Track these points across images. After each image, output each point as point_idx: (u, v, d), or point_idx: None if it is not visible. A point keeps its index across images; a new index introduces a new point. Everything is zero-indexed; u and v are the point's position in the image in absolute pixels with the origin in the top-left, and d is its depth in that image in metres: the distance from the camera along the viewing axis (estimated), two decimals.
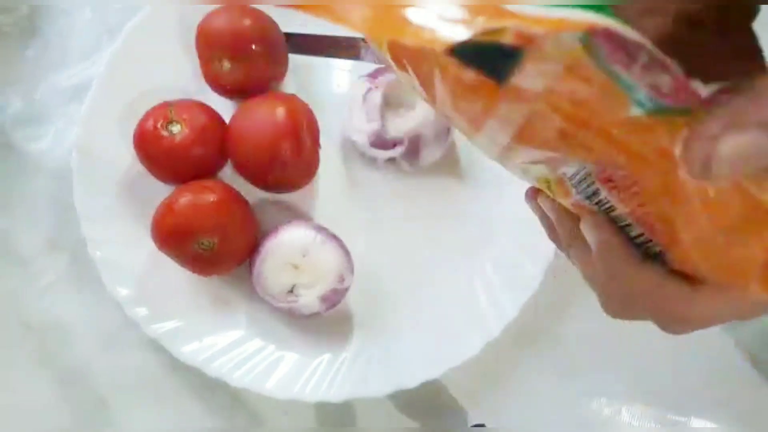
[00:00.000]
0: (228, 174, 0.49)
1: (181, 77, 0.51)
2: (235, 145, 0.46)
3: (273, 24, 0.49)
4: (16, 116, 0.53)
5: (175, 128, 0.46)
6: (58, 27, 0.55)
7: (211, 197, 0.45)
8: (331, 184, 0.51)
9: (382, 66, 0.50)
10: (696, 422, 0.48)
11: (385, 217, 0.51)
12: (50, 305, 0.50)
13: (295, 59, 0.52)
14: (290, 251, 0.45)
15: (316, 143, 0.48)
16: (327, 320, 0.48)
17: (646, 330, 0.49)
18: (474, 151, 0.51)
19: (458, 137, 0.51)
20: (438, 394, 0.49)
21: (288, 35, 0.51)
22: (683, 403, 0.48)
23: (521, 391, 0.49)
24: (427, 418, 0.48)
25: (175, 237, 0.44)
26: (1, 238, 0.51)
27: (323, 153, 0.49)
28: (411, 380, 0.46)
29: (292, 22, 0.50)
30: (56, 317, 0.50)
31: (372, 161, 0.50)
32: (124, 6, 0.54)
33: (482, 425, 0.47)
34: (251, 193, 0.48)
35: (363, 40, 0.52)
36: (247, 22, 0.47)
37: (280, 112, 0.46)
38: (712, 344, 0.50)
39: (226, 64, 0.47)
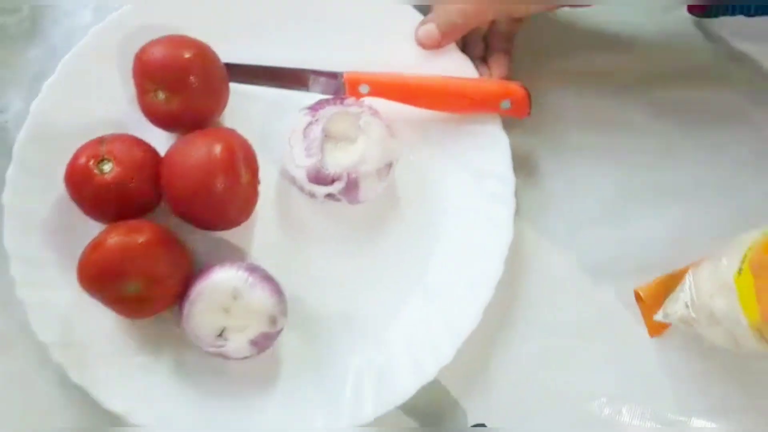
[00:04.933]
0: (165, 210, 0.47)
1: (122, 108, 0.50)
2: (167, 183, 0.45)
3: (213, 56, 0.48)
4: (18, 117, 0.52)
5: (107, 167, 0.44)
6: (60, 28, 0.55)
7: (139, 239, 0.43)
8: (270, 220, 0.50)
9: (324, 98, 0.49)
10: (696, 422, 0.47)
11: (325, 252, 0.50)
12: None
13: (238, 90, 0.51)
14: (220, 294, 0.44)
15: (254, 179, 0.47)
16: (260, 362, 0.47)
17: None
18: (415, 188, 0.50)
19: (399, 174, 0.50)
20: (438, 394, 0.48)
21: (233, 66, 0.50)
22: (683, 403, 0.48)
23: (521, 391, 0.49)
24: (427, 418, 0.48)
25: (99, 280, 0.43)
26: None
27: (263, 188, 0.48)
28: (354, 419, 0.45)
29: (241, 52, 0.50)
30: None
31: (312, 196, 0.48)
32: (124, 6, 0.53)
33: (482, 425, 0.47)
34: (187, 229, 0.47)
35: (312, 71, 0.50)
36: (186, 53, 0.46)
37: (216, 147, 0.44)
38: (713, 344, 0.48)
39: (162, 96, 0.46)
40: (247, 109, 0.51)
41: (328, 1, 0.52)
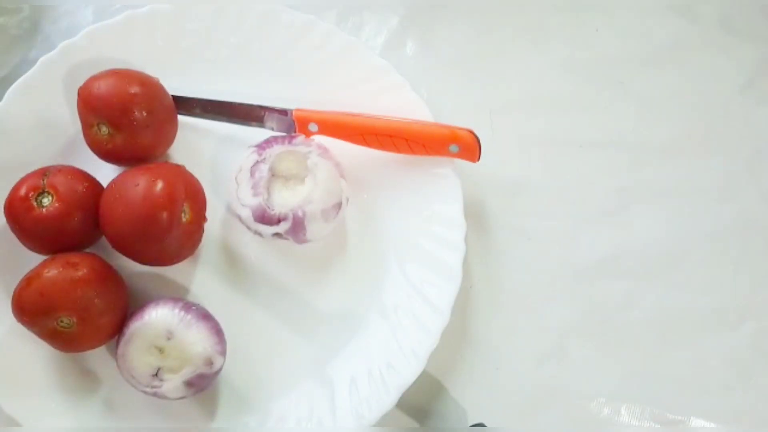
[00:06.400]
0: (107, 242, 0.47)
1: (70, 138, 0.50)
2: (105, 218, 0.44)
3: (161, 91, 0.48)
4: None
5: (46, 200, 0.44)
6: (60, 27, 0.55)
7: (74, 273, 0.43)
8: (216, 256, 0.49)
9: (273, 136, 0.49)
10: (696, 422, 0.47)
11: (270, 290, 0.49)
12: None
13: (190, 125, 0.50)
14: (154, 333, 0.43)
15: (199, 216, 0.47)
16: (198, 401, 0.46)
17: (646, 329, 0.49)
18: (365, 228, 0.50)
19: (349, 213, 0.49)
20: (437, 394, 0.48)
21: (183, 99, 0.50)
22: (683, 403, 0.48)
23: (521, 391, 0.48)
24: (427, 418, 0.48)
25: (33, 313, 0.42)
26: None
27: (210, 224, 0.48)
28: None
29: (197, 86, 0.50)
30: None
31: (259, 235, 0.48)
32: (125, 6, 0.53)
33: (482, 425, 0.46)
34: (128, 263, 0.46)
35: (263, 107, 0.50)
36: (130, 88, 0.46)
37: (155, 184, 0.44)
38: (712, 343, 0.49)
39: (105, 131, 0.46)
40: (198, 144, 0.51)
41: (283, 38, 0.52)
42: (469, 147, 0.48)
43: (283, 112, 0.50)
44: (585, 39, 0.56)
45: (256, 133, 0.50)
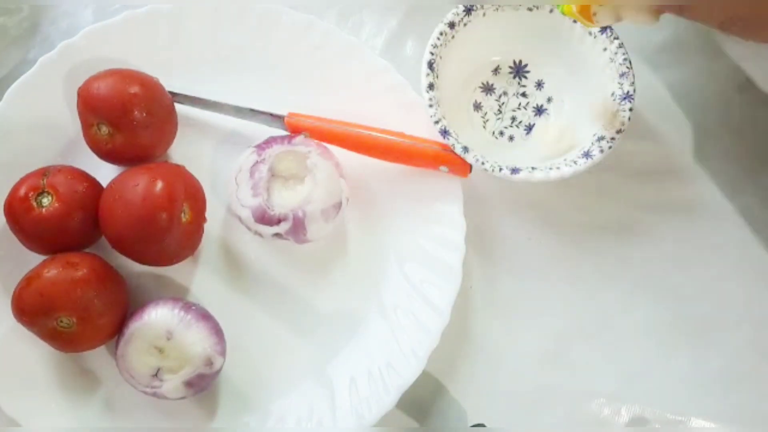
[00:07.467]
0: (106, 243, 0.47)
1: (70, 138, 0.50)
2: (105, 219, 0.44)
3: (160, 91, 0.48)
4: None
5: (46, 200, 0.44)
6: (60, 28, 0.55)
7: (74, 274, 0.43)
8: (216, 257, 0.49)
9: (273, 136, 0.49)
10: (696, 422, 0.47)
11: (271, 290, 0.49)
12: None
13: (190, 125, 0.50)
14: (154, 333, 0.43)
15: (199, 216, 0.47)
16: (199, 401, 0.47)
17: (646, 329, 0.49)
18: (365, 228, 0.50)
19: (349, 212, 0.49)
20: (438, 394, 0.48)
21: (181, 95, 0.50)
22: (683, 403, 0.48)
23: (521, 391, 0.48)
24: (427, 418, 0.48)
25: (32, 313, 0.42)
26: None
27: (210, 224, 0.48)
28: None
29: (194, 87, 0.50)
30: None
31: (260, 235, 0.48)
32: (125, 6, 0.53)
33: (482, 425, 0.46)
34: (128, 262, 0.46)
35: (255, 111, 0.50)
36: (130, 88, 0.46)
37: (155, 184, 0.44)
38: (712, 343, 0.49)
39: (105, 130, 0.46)
40: (198, 144, 0.51)
41: (283, 38, 0.52)
42: (457, 167, 0.48)
43: (277, 117, 0.49)
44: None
45: (256, 134, 0.50)
